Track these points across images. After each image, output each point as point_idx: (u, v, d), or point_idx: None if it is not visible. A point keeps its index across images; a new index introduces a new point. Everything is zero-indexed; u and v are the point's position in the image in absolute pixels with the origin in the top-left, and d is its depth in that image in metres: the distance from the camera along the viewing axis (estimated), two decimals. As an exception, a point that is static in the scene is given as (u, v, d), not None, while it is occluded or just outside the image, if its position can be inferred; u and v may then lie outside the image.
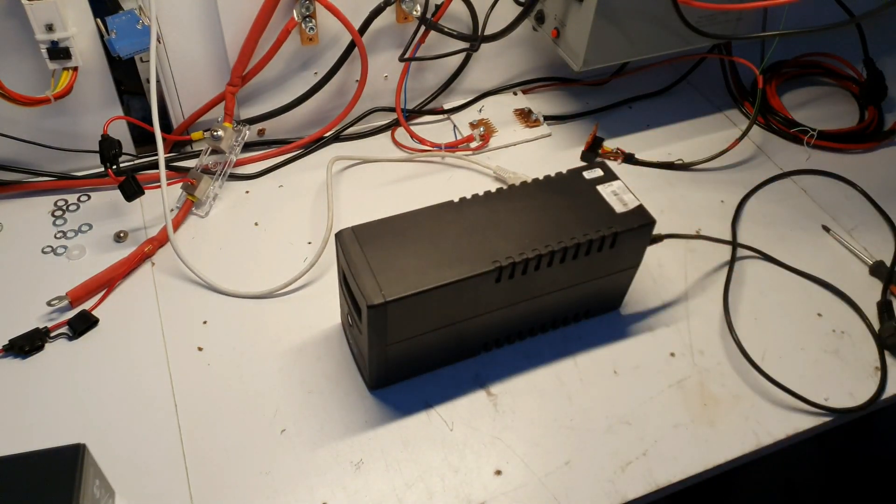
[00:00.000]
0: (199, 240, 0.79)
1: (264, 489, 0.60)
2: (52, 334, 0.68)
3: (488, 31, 0.85)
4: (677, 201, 0.86)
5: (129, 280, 0.74)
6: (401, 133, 0.91)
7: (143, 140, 0.85)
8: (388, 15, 0.83)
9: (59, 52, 0.71)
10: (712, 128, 0.96)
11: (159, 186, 0.75)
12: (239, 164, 0.86)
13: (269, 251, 0.78)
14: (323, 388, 0.66)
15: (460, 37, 0.84)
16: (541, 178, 0.68)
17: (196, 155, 0.85)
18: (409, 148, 0.90)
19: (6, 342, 0.67)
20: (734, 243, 0.80)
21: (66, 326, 0.69)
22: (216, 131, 0.81)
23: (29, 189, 0.81)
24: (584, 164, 0.70)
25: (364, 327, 0.59)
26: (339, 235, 0.61)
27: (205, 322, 0.71)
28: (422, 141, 0.90)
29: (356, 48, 0.83)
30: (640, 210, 0.65)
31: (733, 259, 0.79)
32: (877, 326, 0.74)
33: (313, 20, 0.80)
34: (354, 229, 0.61)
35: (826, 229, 0.84)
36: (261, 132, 0.88)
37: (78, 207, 0.81)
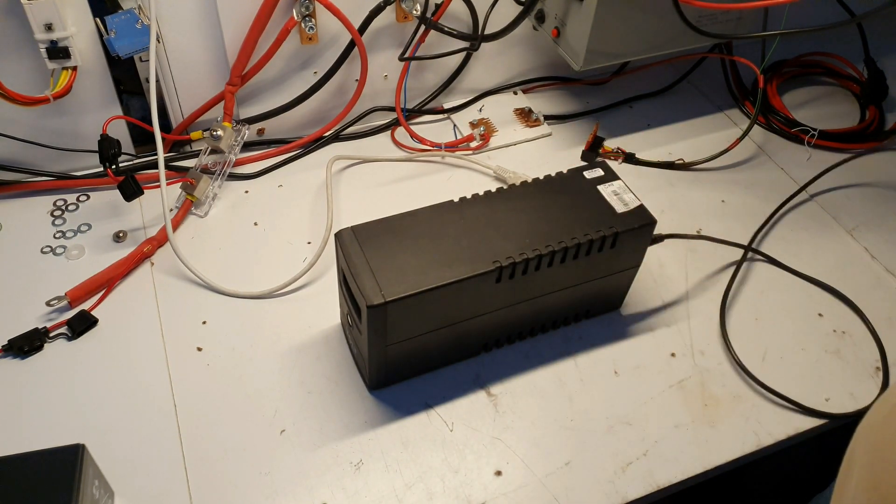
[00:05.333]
0: (199, 240, 0.78)
1: (264, 489, 0.60)
2: (52, 334, 0.68)
3: (488, 31, 0.84)
4: (678, 201, 0.85)
5: (129, 280, 0.74)
6: (401, 133, 0.91)
7: (143, 140, 0.85)
8: (388, 14, 0.83)
9: (58, 51, 0.71)
10: (713, 127, 0.96)
11: (158, 186, 0.75)
12: (238, 163, 0.86)
13: (269, 251, 0.78)
14: (323, 389, 0.66)
15: (460, 36, 0.84)
16: (541, 177, 0.67)
17: (195, 155, 0.85)
18: (409, 147, 0.90)
19: (5, 342, 0.67)
20: (735, 243, 0.80)
21: (66, 326, 0.69)
22: (215, 131, 0.80)
23: (28, 189, 0.81)
24: (584, 163, 0.70)
25: (364, 327, 0.59)
26: (338, 235, 0.61)
27: (204, 322, 0.71)
28: (422, 140, 0.90)
29: (356, 47, 0.82)
30: (641, 210, 0.65)
31: (740, 261, 0.78)
32: (877, 326, 0.74)
33: (313, 19, 0.79)
34: (354, 229, 0.61)
35: (826, 229, 0.83)
36: (260, 132, 0.88)
37: (77, 207, 0.81)
